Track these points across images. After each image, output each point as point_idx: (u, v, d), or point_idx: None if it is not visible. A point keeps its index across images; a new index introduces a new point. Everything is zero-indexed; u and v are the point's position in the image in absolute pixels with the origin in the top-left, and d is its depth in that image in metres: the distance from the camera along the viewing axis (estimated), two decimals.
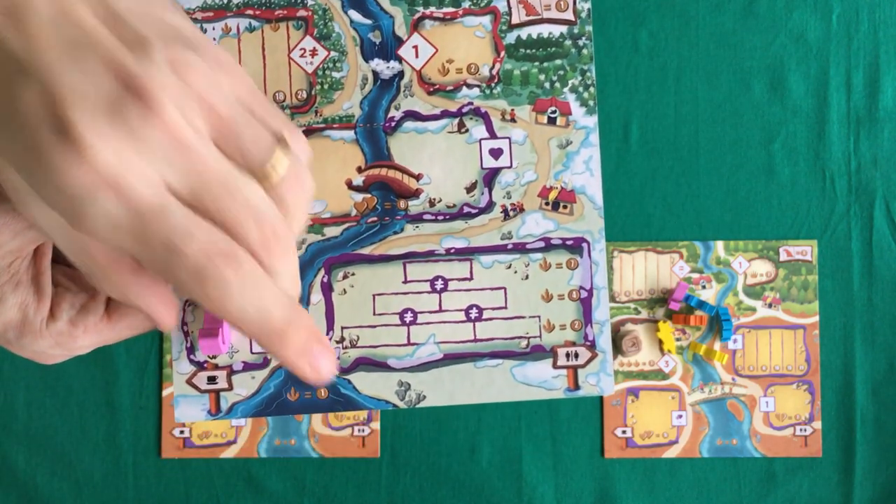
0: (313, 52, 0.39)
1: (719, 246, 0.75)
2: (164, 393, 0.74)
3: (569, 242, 0.39)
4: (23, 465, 0.74)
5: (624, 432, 0.75)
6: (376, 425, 0.74)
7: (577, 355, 0.39)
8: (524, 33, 0.39)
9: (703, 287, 0.75)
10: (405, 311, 0.39)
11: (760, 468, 0.75)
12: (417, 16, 0.38)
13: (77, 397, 0.74)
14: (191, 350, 0.38)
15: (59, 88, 0.26)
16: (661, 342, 0.74)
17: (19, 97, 0.27)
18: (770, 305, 0.75)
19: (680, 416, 0.75)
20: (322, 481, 0.75)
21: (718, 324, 0.74)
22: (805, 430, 0.75)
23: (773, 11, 0.75)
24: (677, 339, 0.75)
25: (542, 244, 0.39)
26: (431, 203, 0.39)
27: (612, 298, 0.75)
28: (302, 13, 0.39)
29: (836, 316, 0.75)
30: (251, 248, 0.28)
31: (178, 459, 0.74)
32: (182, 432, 0.73)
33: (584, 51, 0.39)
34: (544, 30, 0.39)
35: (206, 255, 0.28)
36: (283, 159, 0.29)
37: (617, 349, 0.75)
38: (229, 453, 0.74)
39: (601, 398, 0.75)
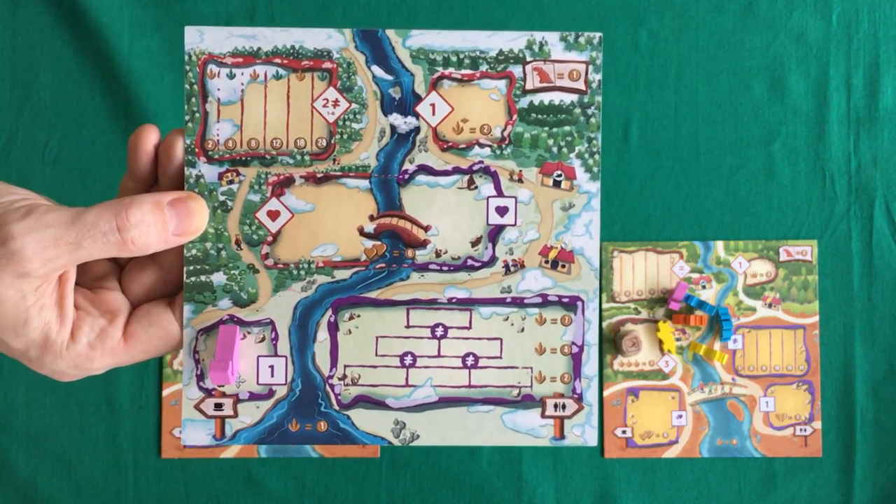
0: (335, 103, 0.41)
1: (719, 246, 0.75)
2: (164, 393, 0.74)
3: (565, 300, 0.41)
4: (23, 465, 0.74)
5: (624, 432, 0.75)
6: None
7: (564, 407, 0.41)
8: (537, 99, 0.41)
9: (703, 287, 0.75)
10: (405, 354, 0.41)
11: (760, 468, 0.75)
12: (437, 75, 0.40)
13: (77, 397, 0.74)
14: (200, 377, 0.40)
15: None
16: (661, 342, 0.74)
17: None
18: (770, 305, 0.75)
19: (680, 416, 0.75)
20: (322, 481, 0.75)
21: (718, 324, 0.74)
22: (805, 430, 0.75)
23: (773, 11, 0.75)
24: (677, 339, 0.75)
25: (539, 300, 0.41)
26: (437, 254, 0.41)
27: (612, 298, 0.75)
28: (327, 65, 0.41)
29: (836, 316, 0.75)
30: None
31: (178, 459, 0.74)
32: (182, 432, 0.73)
33: (593, 119, 0.41)
34: (556, 97, 0.41)
35: None
36: None
37: (617, 349, 0.75)
38: (229, 453, 0.74)
39: (601, 397, 0.75)
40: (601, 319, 0.75)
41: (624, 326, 0.75)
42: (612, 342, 0.75)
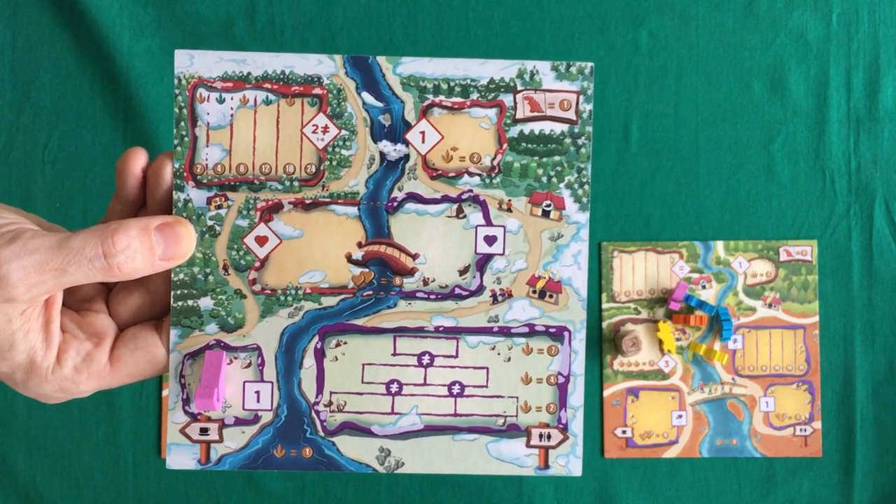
0: (325, 129, 0.41)
1: (719, 246, 0.75)
2: (164, 393, 0.74)
3: (552, 330, 0.41)
4: (23, 465, 0.74)
5: (624, 432, 0.75)
6: None
7: (549, 437, 0.41)
8: (527, 128, 0.41)
9: (703, 287, 0.75)
10: (392, 381, 0.41)
11: (760, 468, 0.75)
12: (427, 103, 0.40)
13: (77, 397, 0.74)
14: (186, 401, 0.40)
15: None
16: (661, 342, 0.74)
17: None
18: (770, 305, 0.75)
19: (680, 416, 0.75)
20: (322, 482, 0.75)
21: (718, 324, 0.74)
22: (805, 430, 0.75)
23: (773, 11, 0.75)
24: (677, 339, 0.75)
25: (526, 329, 0.41)
26: (425, 282, 0.41)
27: (612, 298, 0.75)
28: (317, 91, 0.40)
29: (836, 316, 0.75)
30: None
31: None
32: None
33: (583, 150, 0.41)
34: (546, 127, 0.41)
35: None
36: None
37: (617, 349, 0.75)
38: None
39: (601, 396, 0.75)
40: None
41: (624, 326, 0.75)
42: (612, 342, 0.75)
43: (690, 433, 0.75)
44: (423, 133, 0.41)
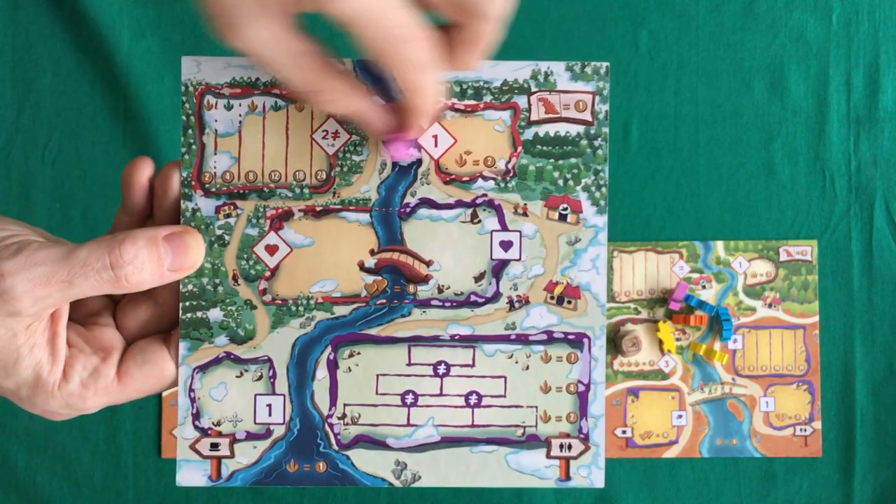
0: (335, 135, 0.40)
1: (719, 246, 0.75)
2: (164, 393, 0.74)
3: (570, 337, 0.40)
4: (23, 465, 0.74)
5: (624, 432, 0.75)
6: None
7: (570, 447, 0.40)
8: (542, 130, 0.40)
9: (703, 287, 0.75)
10: (407, 392, 0.40)
11: (760, 468, 0.75)
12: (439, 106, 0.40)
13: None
14: (196, 416, 0.39)
15: None
16: (661, 342, 0.74)
17: None
18: (770, 305, 0.75)
19: (680, 416, 0.75)
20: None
21: (718, 324, 0.74)
22: (805, 430, 0.75)
23: (773, 11, 0.75)
24: (677, 339, 0.75)
25: (544, 337, 0.40)
26: (440, 289, 0.40)
27: (612, 298, 0.75)
28: None
29: (836, 316, 0.75)
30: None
31: None
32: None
33: (599, 151, 0.40)
34: (562, 128, 0.40)
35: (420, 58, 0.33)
36: None
37: (617, 349, 0.74)
38: None
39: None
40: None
41: (624, 326, 0.75)
42: (612, 342, 0.75)
43: (690, 433, 0.75)
44: (435, 137, 0.40)
